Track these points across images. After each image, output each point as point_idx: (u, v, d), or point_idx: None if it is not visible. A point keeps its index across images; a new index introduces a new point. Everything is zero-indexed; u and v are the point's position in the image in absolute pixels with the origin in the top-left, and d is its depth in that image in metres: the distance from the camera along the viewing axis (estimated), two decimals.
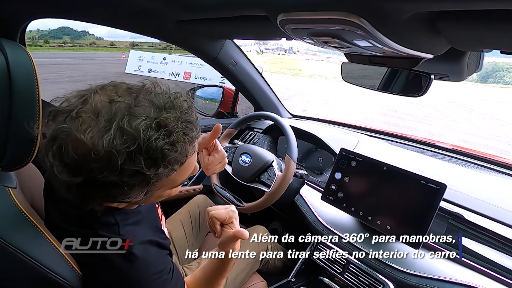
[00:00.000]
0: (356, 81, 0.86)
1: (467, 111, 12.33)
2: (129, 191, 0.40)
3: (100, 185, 0.38)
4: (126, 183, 0.38)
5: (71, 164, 0.37)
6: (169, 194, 0.51)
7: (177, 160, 0.42)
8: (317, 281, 0.93)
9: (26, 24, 0.98)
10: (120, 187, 0.38)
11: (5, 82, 0.44)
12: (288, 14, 0.56)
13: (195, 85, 1.68)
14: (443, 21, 0.49)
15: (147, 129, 0.37)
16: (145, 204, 0.55)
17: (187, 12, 0.84)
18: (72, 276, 0.48)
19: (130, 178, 0.38)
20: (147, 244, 0.52)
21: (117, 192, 0.40)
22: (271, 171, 1.05)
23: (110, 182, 0.38)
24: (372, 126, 1.48)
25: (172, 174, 0.43)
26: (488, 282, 0.69)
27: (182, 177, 0.48)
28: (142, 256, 0.50)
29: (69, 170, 0.37)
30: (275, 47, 56.03)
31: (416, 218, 0.76)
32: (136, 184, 0.39)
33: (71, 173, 0.37)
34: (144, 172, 0.38)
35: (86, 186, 0.38)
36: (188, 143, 0.42)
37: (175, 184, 0.48)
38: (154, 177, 0.40)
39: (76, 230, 0.51)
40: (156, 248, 0.54)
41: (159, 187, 0.45)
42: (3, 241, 0.42)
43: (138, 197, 0.42)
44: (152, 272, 0.51)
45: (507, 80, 57.89)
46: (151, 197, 0.47)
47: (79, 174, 0.37)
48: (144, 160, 0.38)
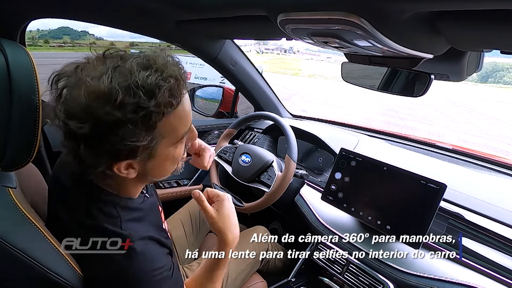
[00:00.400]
0: (356, 81, 0.86)
1: (467, 111, 12.34)
2: (134, 130, 0.41)
3: (106, 128, 0.41)
4: (130, 120, 0.41)
5: (77, 111, 0.40)
6: (173, 157, 0.51)
7: (172, 94, 0.44)
8: (317, 281, 0.93)
9: (26, 24, 0.98)
10: (124, 124, 0.41)
11: (5, 82, 0.44)
12: (288, 14, 0.56)
13: (195, 85, 1.68)
14: (443, 21, 0.49)
15: (140, 67, 0.42)
16: (152, 175, 0.53)
17: (187, 12, 0.84)
18: (72, 276, 0.48)
19: (133, 114, 0.41)
20: (147, 240, 0.52)
21: (122, 133, 0.41)
22: (271, 171, 1.05)
23: (114, 121, 0.40)
24: (372, 126, 1.48)
25: (170, 113, 0.45)
26: (488, 282, 0.69)
27: (181, 125, 0.49)
28: (142, 252, 0.50)
29: (77, 117, 0.40)
30: (275, 47, 56.04)
31: (416, 218, 0.76)
32: (138, 121, 0.41)
33: (79, 119, 0.40)
34: (144, 105, 0.41)
35: (93, 136, 0.41)
36: (180, 80, 0.45)
37: (176, 135, 0.49)
38: (155, 111, 0.42)
39: (80, 222, 0.50)
40: (157, 245, 0.54)
41: (162, 136, 0.46)
42: (3, 241, 0.42)
43: (144, 140, 0.43)
44: (152, 268, 0.50)
45: (507, 80, 57.89)
46: (157, 155, 0.47)
47: (86, 120, 0.40)
48: (142, 93, 0.41)
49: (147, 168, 0.50)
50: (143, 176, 0.52)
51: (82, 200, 0.51)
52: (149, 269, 0.50)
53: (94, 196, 0.51)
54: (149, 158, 0.47)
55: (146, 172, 0.51)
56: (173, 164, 0.53)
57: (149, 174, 0.52)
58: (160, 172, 0.53)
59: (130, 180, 0.51)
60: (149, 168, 0.50)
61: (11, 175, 0.53)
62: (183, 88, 0.46)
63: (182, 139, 0.51)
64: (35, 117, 0.48)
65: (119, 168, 0.46)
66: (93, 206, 0.50)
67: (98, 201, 0.50)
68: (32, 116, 0.48)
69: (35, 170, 0.70)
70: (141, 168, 0.49)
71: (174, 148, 0.50)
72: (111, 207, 0.51)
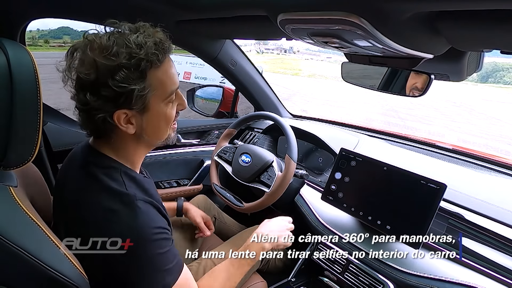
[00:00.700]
0: (356, 81, 0.86)
1: (467, 111, 12.33)
2: (128, 74, 0.51)
3: (106, 73, 0.50)
4: (124, 65, 0.50)
5: (85, 63, 0.51)
6: (165, 116, 0.58)
7: (157, 48, 0.53)
8: (317, 281, 0.93)
9: (26, 24, 0.98)
10: (120, 69, 0.50)
11: (6, 82, 0.45)
12: (288, 14, 0.56)
13: (195, 85, 1.68)
14: (443, 21, 0.49)
15: (132, 31, 0.54)
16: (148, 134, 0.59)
17: (187, 12, 0.84)
18: (75, 274, 0.48)
19: (127, 60, 0.51)
20: (149, 204, 0.55)
21: (119, 77, 0.50)
22: (271, 171, 1.05)
23: (112, 66, 0.50)
24: (372, 126, 1.48)
25: (158, 67, 0.54)
26: (488, 282, 0.69)
27: (169, 81, 0.57)
28: (145, 210, 0.54)
29: (85, 68, 0.51)
30: (275, 47, 56.00)
31: (416, 218, 0.76)
32: (131, 67, 0.51)
33: (87, 69, 0.51)
34: (135, 54, 0.51)
35: (97, 83, 0.50)
36: (163, 41, 0.55)
37: (165, 90, 0.56)
38: (144, 59, 0.52)
39: (87, 186, 0.55)
40: (158, 213, 0.57)
41: (152, 88, 0.54)
42: (4, 239, 0.42)
43: (137, 85, 0.52)
44: (154, 225, 0.54)
45: (507, 80, 57.86)
46: (150, 108, 0.55)
47: (91, 68, 0.50)
48: (133, 46, 0.51)
49: (143, 124, 0.57)
50: (141, 136, 0.58)
51: (91, 169, 0.56)
52: (152, 225, 0.54)
53: (99, 164, 0.57)
54: (143, 110, 0.55)
55: (143, 130, 0.57)
56: (166, 125, 0.60)
57: (145, 133, 0.58)
58: (155, 131, 0.59)
59: (130, 144, 0.59)
60: (145, 125, 0.57)
61: (12, 174, 0.53)
62: (167, 49, 0.56)
63: (170, 96, 0.58)
64: (36, 117, 0.48)
65: (119, 118, 0.54)
66: (99, 172, 0.55)
67: (103, 167, 0.56)
68: (33, 115, 0.48)
69: (35, 169, 0.70)
70: (138, 123, 0.56)
71: (165, 106, 0.58)
72: (115, 172, 0.56)
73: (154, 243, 0.53)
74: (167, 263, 0.55)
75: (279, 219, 0.85)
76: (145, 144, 0.62)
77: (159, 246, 0.54)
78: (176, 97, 0.60)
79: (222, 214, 1.24)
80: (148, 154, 0.65)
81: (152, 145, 0.64)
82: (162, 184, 1.38)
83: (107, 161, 0.58)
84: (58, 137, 1.14)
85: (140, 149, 0.62)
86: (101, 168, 0.56)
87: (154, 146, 0.65)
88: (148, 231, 0.53)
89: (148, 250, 0.53)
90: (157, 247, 0.54)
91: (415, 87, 0.74)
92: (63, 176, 0.62)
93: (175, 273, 0.56)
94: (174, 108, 0.61)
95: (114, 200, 0.53)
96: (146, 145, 0.63)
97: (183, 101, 0.63)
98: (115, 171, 0.57)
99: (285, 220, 0.85)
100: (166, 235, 0.56)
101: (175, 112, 0.61)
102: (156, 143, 0.63)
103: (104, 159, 0.58)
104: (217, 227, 1.21)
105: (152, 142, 0.62)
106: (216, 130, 1.54)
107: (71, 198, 0.57)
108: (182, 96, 0.62)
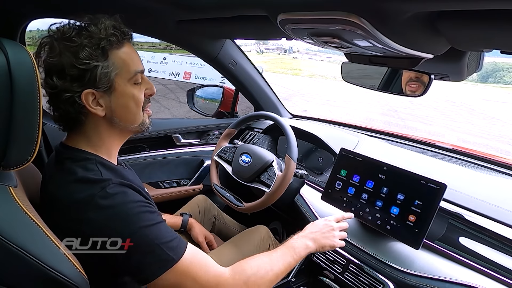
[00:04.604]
0: (356, 81, 0.86)
1: (467, 111, 12.34)
2: (91, 52, 0.54)
3: (70, 55, 0.53)
4: (86, 44, 0.54)
5: (51, 49, 0.55)
6: (133, 97, 0.59)
7: (116, 30, 0.57)
8: (317, 281, 0.93)
9: (26, 24, 0.98)
10: (82, 48, 0.53)
11: (6, 81, 0.44)
12: (288, 14, 0.56)
13: (195, 85, 1.68)
14: (443, 21, 0.49)
15: (91, 20, 0.57)
16: (119, 116, 0.60)
17: (187, 12, 0.84)
18: (75, 274, 0.48)
19: (88, 39, 0.54)
20: (126, 186, 0.55)
21: (83, 56, 0.53)
22: (271, 171, 1.05)
23: (75, 46, 0.53)
24: (372, 126, 1.48)
25: (119, 48, 0.57)
26: (488, 282, 0.69)
27: (131, 62, 0.59)
28: (122, 191, 0.54)
29: (51, 52, 0.55)
30: (275, 47, 56.02)
31: (416, 218, 0.76)
32: (93, 45, 0.54)
33: (52, 54, 0.54)
34: (96, 34, 0.55)
35: (62, 66, 0.53)
36: (121, 27, 0.58)
37: (128, 70, 0.58)
38: (104, 38, 0.55)
39: (66, 182, 0.54)
40: (137, 193, 0.56)
41: (116, 67, 0.56)
42: (4, 239, 0.42)
43: (100, 62, 0.54)
44: (132, 200, 0.53)
45: (507, 80, 57.86)
46: (116, 88, 0.57)
47: (56, 52, 0.54)
48: (92, 27, 0.55)
49: (112, 106, 0.58)
50: (112, 120, 0.59)
51: (66, 167, 0.56)
52: (129, 200, 0.53)
53: (74, 158, 0.57)
54: (110, 90, 0.57)
55: (113, 112, 0.58)
56: (136, 107, 0.61)
57: (115, 115, 0.59)
58: (125, 112, 0.60)
59: (103, 130, 0.60)
60: (114, 105, 0.58)
61: (11, 174, 0.53)
62: (127, 33, 0.59)
63: (135, 77, 0.59)
64: (36, 117, 0.48)
65: (87, 99, 0.55)
66: (74, 165, 0.56)
67: (78, 160, 0.57)
68: (33, 116, 0.48)
69: (35, 170, 0.70)
70: (106, 105, 0.57)
71: (131, 87, 0.59)
72: (89, 163, 0.57)
73: (138, 216, 0.52)
74: (162, 237, 0.53)
75: (322, 220, 0.80)
76: (119, 130, 0.62)
77: (146, 219, 0.53)
78: (143, 81, 0.62)
79: (222, 214, 1.24)
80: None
81: (127, 131, 0.63)
82: (162, 184, 1.38)
83: (82, 154, 0.58)
84: (58, 137, 1.13)
85: (114, 135, 0.62)
86: (76, 162, 0.56)
87: (130, 132, 0.64)
88: (127, 206, 0.52)
89: (135, 224, 0.51)
90: (144, 219, 0.52)
91: (410, 78, 0.74)
92: (43, 178, 0.62)
93: (178, 249, 0.54)
94: (142, 91, 0.61)
95: (92, 188, 0.52)
96: (121, 131, 0.62)
97: (151, 86, 0.64)
98: (90, 162, 0.57)
99: (329, 220, 0.80)
100: (150, 209, 0.55)
101: (143, 96, 0.62)
102: (131, 128, 0.62)
103: (79, 153, 0.58)
104: (217, 227, 1.21)
105: (125, 126, 0.61)
106: (216, 130, 1.54)
107: (50, 195, 0.57)
108: (148, 81, 0.63)
